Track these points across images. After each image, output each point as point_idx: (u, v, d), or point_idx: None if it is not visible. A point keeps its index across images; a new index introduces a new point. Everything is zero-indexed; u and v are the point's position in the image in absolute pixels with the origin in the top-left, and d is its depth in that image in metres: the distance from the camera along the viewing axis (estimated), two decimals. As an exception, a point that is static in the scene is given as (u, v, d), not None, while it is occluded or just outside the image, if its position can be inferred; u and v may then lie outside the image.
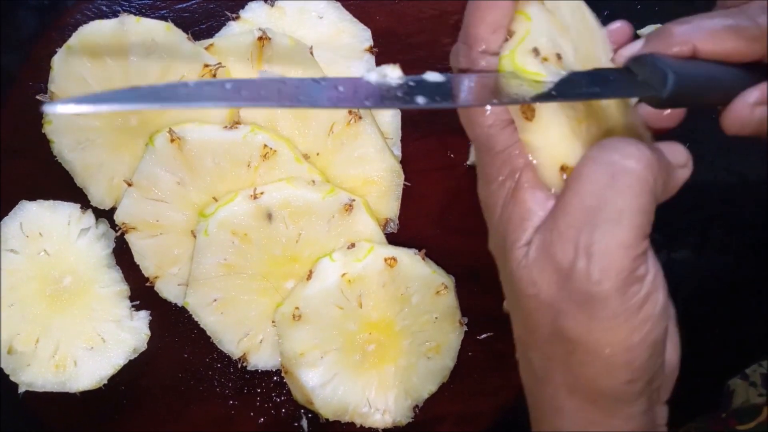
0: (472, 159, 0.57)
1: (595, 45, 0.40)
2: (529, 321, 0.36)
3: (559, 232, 0.33)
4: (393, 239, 0.56)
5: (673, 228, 0.62)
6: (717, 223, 0.62)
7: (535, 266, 0.34)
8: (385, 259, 0.51)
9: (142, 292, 0.54)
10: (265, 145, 0.50)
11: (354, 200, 0.52)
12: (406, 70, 0.57)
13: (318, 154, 0.53)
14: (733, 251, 0.62)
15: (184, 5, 0.56)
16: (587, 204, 0.32)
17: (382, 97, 0.32)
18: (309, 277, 0.51)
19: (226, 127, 0.51)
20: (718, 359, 0.62)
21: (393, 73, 0.32)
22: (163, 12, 0.56)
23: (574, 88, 0.34)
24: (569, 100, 0.35)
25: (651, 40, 0.37)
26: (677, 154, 0.36)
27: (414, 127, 0.57)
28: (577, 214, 0.33)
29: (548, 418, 0.37)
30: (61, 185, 0.54)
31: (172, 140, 0.50)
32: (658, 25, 0.59)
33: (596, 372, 0.33)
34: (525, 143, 0.36)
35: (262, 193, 0.50)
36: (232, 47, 0.52)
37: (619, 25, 0.40)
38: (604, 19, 0.62)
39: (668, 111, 0.40)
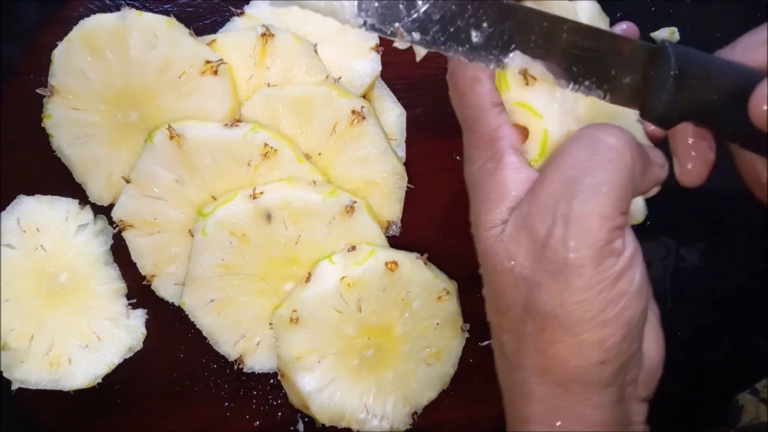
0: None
1: None
2: (502, 300, 0.36)
3: (537, 203, 0.34)
4: (395, 242, 0.55)
5: (682, 234, 0.60)
6: (727, 231, 0.61)
7: (511, 240, 0.35)
8: (386, 263, 0.50)
9: (139, 290, 0.54)
10: (266, 144, 0.50)
11: (355, 202, 0.51)
12: (413, 68, 0.56)
13: (320, 153, 0.52)
14: (744, 259, 0.61)
15: (188, 0, 0.55)
16: (567, 175, 0.34)
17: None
18: (308, 279, 0.51)
19: (226, 124, 0.50)
20: (727, 371, 0.60)
21: None
22: (166, 6, 0.55)
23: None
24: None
25: None
26: (656, 154, 0.38)
27: (419, 127, 0.56)
28: (557, 185, 0.34)
29: (518, 405, 0.37)
30: (60, 180, 0.53)
31: (171, 137, 0.49)
32: (673, 29, 0.58)
33: (568, 350, 0.33)
34: (520, 108, 0.37)
35: (261, 193, 0.49)
36: (234, 43, 0.52)
37: (625, 27, 0.40)
38: (618, 20, 0.60)
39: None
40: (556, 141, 0.38)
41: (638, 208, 0.42)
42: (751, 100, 0.33)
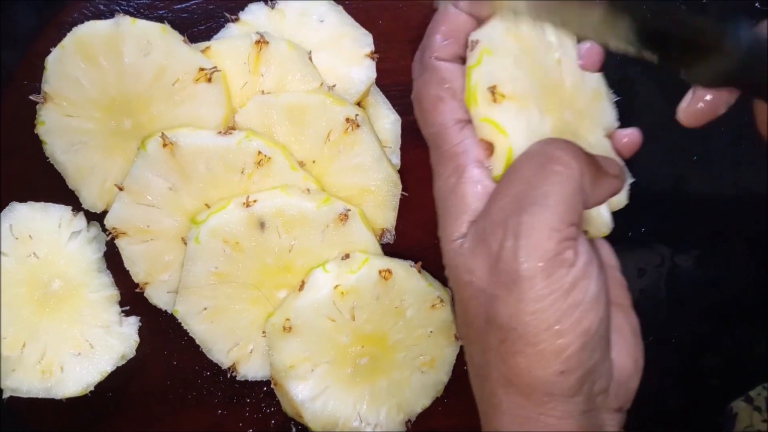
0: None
1: (563, 70, 0.40)
2: (467, 312, 0.37)
3: (491, 217, 0.35)
4: (389, 249, 0.54)
5: (676, 241, 0.60)
6: (722, 238, 0.61)
7: (469, 253, 0.36)
8: (380, 272, 0.50)
9: (132, 297, 0.53)
10: (260, 152, 0.49)
11: (349, 210, 0.51)
12: (409, 75, 0.56)
13: (314, 161, 0.52)
14: (739, 267, 0.61)
15: (183, 5, 0.55)
16: (517, 189, 0.35)
17: None
18: (301, 287, 0.50)
19: (220, 132, 0.50)
20: (721, 379, 0.60)
21: None
22: (161, 12, 0.54)
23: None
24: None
25: None
26: (611, 165, 0.38)
27: (414, 134, 0.55)
28: (508, 199, 0.35)
29: (489, 416, 0.37)
30: (52, 186, 0.53)
31: (165, 145, 0.49)
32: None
33: (528, 361, 0.34)
34: (486, 124, 0.38)
35: (255, 201, 0.49)
36: (229, 51, 0.51)
37: (588, 47, 0.41)
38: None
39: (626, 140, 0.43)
40: None
41: (604, 220, 0.41)
42: None
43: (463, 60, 0.41)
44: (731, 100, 0.39)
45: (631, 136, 0.44)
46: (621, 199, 0.43)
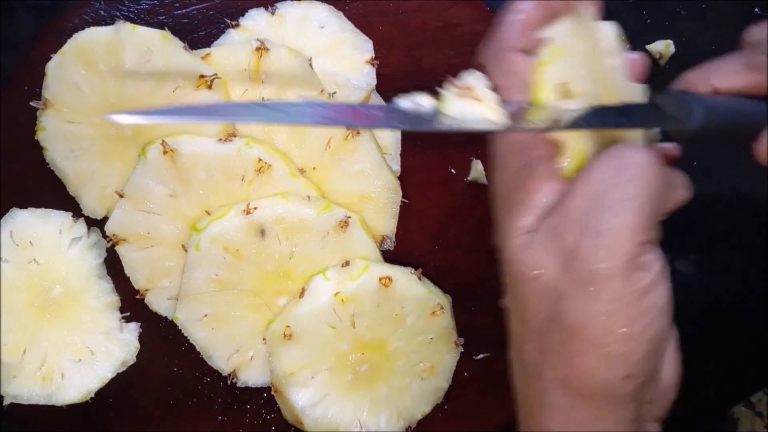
0: (473, 175, 0.55)
1: (615, 76, 0.40)
2: (526, 310, 0.36)
3: (567, 214, 0.34)
4: (389, 256, 0.55)
5: (676, 247, 0.60)
6: (721, 243, 0.61)
7: (540, 249, 0.35)
8: (380, 279, 0.50)
9: (132, 303, 0.54)
10: (260, 159, 0.49)
11: (350, 217, 0.51)
12: (409, 81, 0.56)
13: (314, 168, 0.52)
14: (739, 272, 0.61)
15: (184, 11, 0.55)
16: (595, 190, 0.34)
17: (413, 121, 0.35)
18: (301, 294, 0.50)
19: (220, 139, 0.50)
20: (722, 384, 0.60)
21: (425, 102, 0.36)
22: (162, 18, 0.54)
23: (602, 118, 0.37)
24: (596, 128, 0.38)
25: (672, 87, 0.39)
26: (679, 177, 0.38)
27: (414, 140, 0.56)
28: (586, 199, 0.34)
29: (536, 417, 0.36)
30: (53, 193, 0.53)
31: (165, 152, 0.49)
32: (669, 41, 0.58)
33: (592, 363, 0.33)
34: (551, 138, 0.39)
35: (255, 208, 0.49)
36: (229, 57, 0.51)
37: (637, 57, 0.41)
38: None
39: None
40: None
41: None
42: (757, 147, 0.37)
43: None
44: None
45: (672, 148, 0.43)
46: None
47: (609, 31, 0.39)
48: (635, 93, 0.41)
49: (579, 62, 0.39)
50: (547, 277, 0.35)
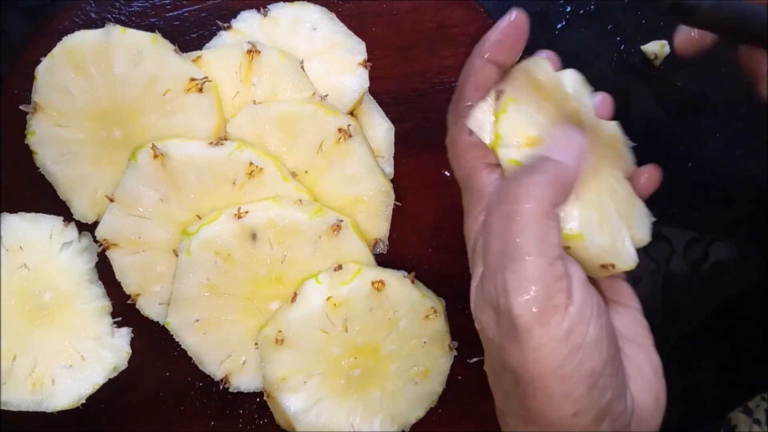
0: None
1: (585, 117, 0.42)
2: (487, 356, 0.39)
3: (485, 276, 0.37)
4: (383, 259, 0.54)
5: (672, 247, 0.60)
6: (718, 245, 0.60)
7: (478, 306, 0.38)
8: (373, 283, 0.50)
9: (123, 308, 0.53)
10: (251, 163, 0.49)
11: (342, 220, 0.50)
12: (402, 82, 0.56)
13: (306, 171, 0.52)
14: (735, 274, 0.60)
15: (175, 13, 0.54)
16: (496, 249, 0.36)
17: None
18: (294, 299, 0.50)
19: (211, 143, 0.49)
20: (719, 388, 0.60)
21: None
22: (153, 20, 0.54)
23: None
24: None
25: None
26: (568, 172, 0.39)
27: (408, 143, 0.55)
28: (493, 259, 0.36)
29: None
30: (43, 197, 0.52)
31: (156, 156, 0.48)
32: (663, 42, 0.57)
33: (541, 404, 0.35)
34: (513, 165, 0.41)
35: (246, 213, 0.49)
36: (220, 60, 0.51)
37: (601, 98, 0.43)
38: (609, 33, 0.60)
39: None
40: None
41: (629, 254, 0.42)
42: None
43: None
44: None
45: (650, 173, 0.45)
46: (644, 237, 0.44)
47: (571, 77, 0.41)
48: (608, 129, 0.42)
49: (535, 109, 0.42)
50: (488, 331, 0.37)
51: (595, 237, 0.40)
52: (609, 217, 0.42)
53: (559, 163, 0.38)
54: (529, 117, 0.41)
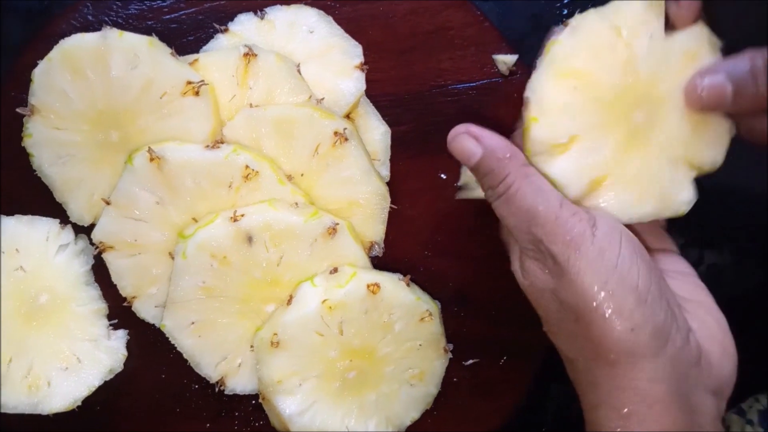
0: (463, 179, 0.55)
1: None
2: (545, 312, 0.42)
3: (521, 245, 0.42)
4: (378, 262, 0.54)
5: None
6: (716, 249, 0.60)
7: (525, 269, 0.42)
8: (368, 286, 0.50)
9: (120, 310, 0.53)
10: (247, 166, 0.49)
11: (338, 223, 0.50)
12: (399, 85, 0.56)
13: (302, 175, 0.52)
14: (733, 275, 0.60)
15: (172, 16, 0.54)
16: (529, 203, 0.41)
17: None
18: (289, 302, 0.50)
19: (207, 146, 0.49)
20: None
21: None
22: (150, 23, 0.54)
23: None
24: None
25: None
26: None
27: (404, 146, 0.55)
28: (518, 230, 0.42)
29: (588, 395, 0.41)
30: (40, 199, 0.52)
31: (152, 159, 0.48)
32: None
33: (599, 327, 0.38)
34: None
35: (242, 216, 0.49)
36: (217, 63, 0.51)
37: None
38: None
39: None
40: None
41: (684, 197, 0.44)
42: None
43: None
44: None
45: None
46: (717, 159, 0.43)
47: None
48: (682, 44, 0.41)
49: (562, 108, 0.42)
50: (541, 283, 0.41)
51: (634, 212, 0.43)
52: (656, 178, 0.43)
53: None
54: (555, 126, 0.42)
